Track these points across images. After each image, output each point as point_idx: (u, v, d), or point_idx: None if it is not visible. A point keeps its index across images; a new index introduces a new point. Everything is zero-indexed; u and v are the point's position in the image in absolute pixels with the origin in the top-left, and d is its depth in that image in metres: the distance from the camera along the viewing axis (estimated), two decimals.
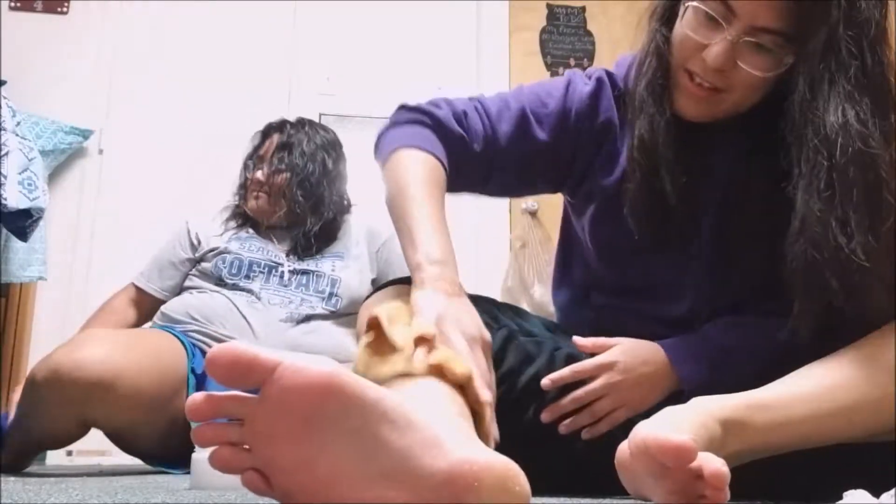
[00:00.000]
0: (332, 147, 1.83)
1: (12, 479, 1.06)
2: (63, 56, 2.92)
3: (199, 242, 1.74)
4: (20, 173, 1.88)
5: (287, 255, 1.69)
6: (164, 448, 1.44)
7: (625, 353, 0.88)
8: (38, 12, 2.97)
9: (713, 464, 0.58)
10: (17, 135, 1.95)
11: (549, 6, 3.29)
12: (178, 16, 3.05)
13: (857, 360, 0.74)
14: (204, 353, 1.51)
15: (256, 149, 1.84)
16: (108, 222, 2.79)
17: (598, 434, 0.87)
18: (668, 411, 0.67)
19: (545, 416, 0.88)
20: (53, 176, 2.76)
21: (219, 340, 1.51)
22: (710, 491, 0.58)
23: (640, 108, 0.90)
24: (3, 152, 1.86)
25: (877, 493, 0.56)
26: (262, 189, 1.74)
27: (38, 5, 2.97)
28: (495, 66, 3.18)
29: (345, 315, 1.64)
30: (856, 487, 0.57)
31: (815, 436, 0.72)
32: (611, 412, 0.88)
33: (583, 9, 3.29)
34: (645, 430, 0.60)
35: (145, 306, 1.71)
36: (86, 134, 2.82)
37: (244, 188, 1.79)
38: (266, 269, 1.66)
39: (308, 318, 1.60)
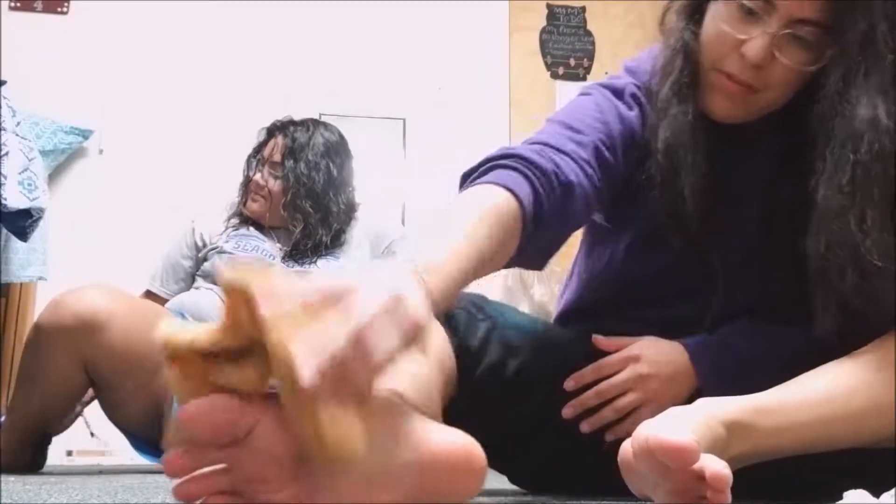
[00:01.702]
0: (338, 151, 1.81)
1: (12, 478, 1.06)
2: (63, 56, 2.92)
3: (204, 243, 1.74)
4: (20, 173, 1.87)
5: (284, 257, 1.69)
6: (145, 427, 1.46)
7: (649, 348, 0.86)
8: (38, 12, 2.97)
9: (715, 465, 0.58)
10: (17, 135, 1.95)
11: (549, 6, 3.29)
12: (178, 16, 3.05)
13: (864, 365, 0.74)
14: None
15: (260, 148, 1.82)
16: (108, 222, 2.79)
17: (622, 435, 0.78)
18: (672, 412, 0.67)
19: (567, 412, 0.85)
20: (53, 176, 2.76)
21: None
22: (712, 493, 0.58)
23: (664, 109, 0.86)
24: (3, 152, 1.85)
25: (877, 494, 0.56)
26: (261, 192, 1.74)
27: (38, 5, 2.97)
28: (495, 66, 3.18)
29: None
30: (856, 487, 0.57)
31: (821, 441, 0.72)
32: (636, 409, 0.84)
33: (583, 9, 3.29)
34: (648, 430, 0.59)
35: None
36: (86, 134, 2.82)
37: (245, 188, 1.79)
38: None
39: None
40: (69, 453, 2.56)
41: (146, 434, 1.49)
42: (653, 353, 0.85)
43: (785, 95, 0.82)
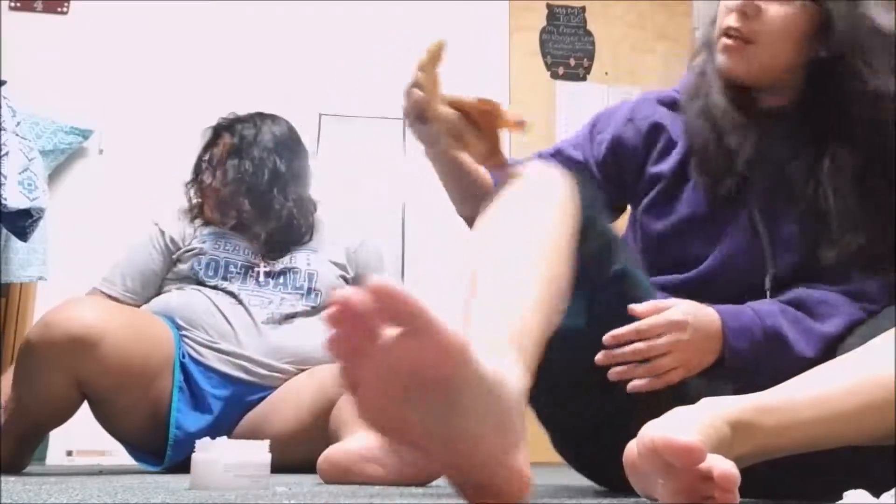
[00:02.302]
0: (286, 145, 1.74)
1: (12, 479, 1.06)
2: (63, 56, 2.92)
3: (177, 246, 1.68)
4: (20, 173, 1.87)
5: (263, 255, 1.65)
6: (144, 437, 1.45)
7: (691, 314, 0.87)
8: (38, 12, 2.97)
9: (723, 465, 0.57)
10: (17, 135, 1.95)
11: (549, 6, 3.29)
12: (178, 15, 3.05)
13: (866, 362, 0.74)
14: (188, 356, 1.50)
15: (207, 148, 1.78)
16: (107, 222, 2.78)
17: (646, 388, 0.85)
18: (678, 412, 0.67)
19: (600, 359, 0.85)
20: (53, 176, 2.76)
21: (202, 345, 1.51)
22: (719, 493, 0.57)
23: (697, 87, 1.00)
24: (3, 152, 1.85)
25: (877, 494, 0.56)
26: (217, 196, 1.69)
27: (38, 5, 2.96)
28: (495, 66, 3.18)
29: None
30: (856, 487, 0.57)
31: (824, 439, 0.72)
32: (669, 371, 0.86)
33: (583, 9, 3.29)
34: (653, 430, 0.59)
35: None
36: (86, 134, 2.81)
37: (201, 191, 1.74)
38: (242, 269, 1.62)
39: (290, 317, 1.57)
40: (69, 453, 2.56)
41: (145, 443, 1.48)
42: (695, 320, 0.86)
43: (779, 52, 0.94)
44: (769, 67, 0.95)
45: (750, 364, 0.87)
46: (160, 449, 1.44)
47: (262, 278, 1.61)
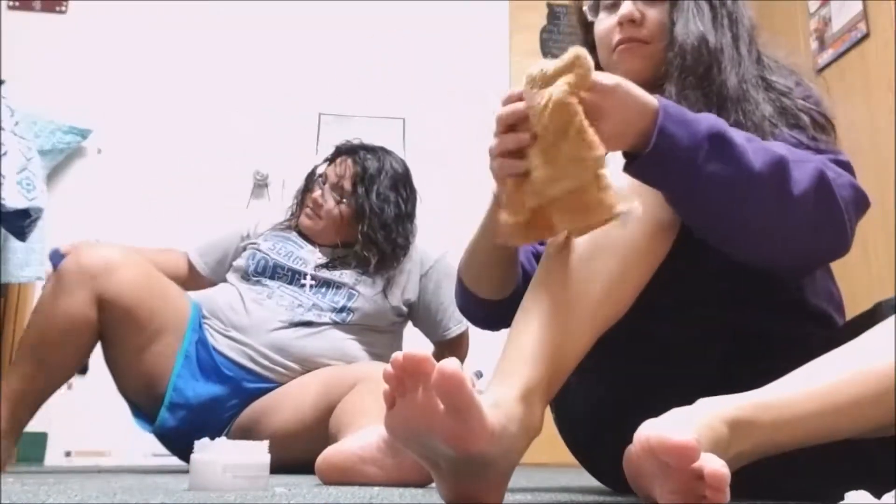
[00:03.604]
0: (405, 184, 1.79)
1: (10, 479, 1.06)
2: (62, 55, 2.92)
3: (249, 235, 1.77)
4: (18, 173, 1.87)
5: (318, 266, 1.69)
6: (145, 394, 1.54)
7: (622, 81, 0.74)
8: (36, 11, 2.97)
9: (713, 464, 0.58)
10: (15, 134, 1.95)
11: (549, 6, 3.29)
12: (177, 15, 3.05)
13: (862, 354, 0.74)
14: (202, 339, 1.58)
15: (325, 167, 1.81)
16: (106, 222, 2.79)
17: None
18: (675, 412, 0.67)
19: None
20: (52, 175, 2.76)
21: (216, 331, 1.59)
22: (710, 492, 0.57)
23: None
24: (1, 152, 1.85)
25: (878, 494, 0.56)
26: (318, 211, 1.73)
27: (36, 5, 2.96)
28: (495, 66, 3.18)
29: (356, 327, 1.64)
30: (857, 488, 0.57)
31: (822, 432, 0.72)
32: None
33: None
34: (649, 430, 0.59)
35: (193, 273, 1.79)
36: (84, 133, 2.81)
37: (301, 201, 1.79)
38: (289, 273, 1.67)
39: (309, 324, 1.60)
40: (68, 454, 2.56)
41: (142, 404, 1.57)
42: (626, 85, 0.74)
43: (660, 38, 1.01)
44: (659, 61, 1.01)
45: (682, 157, 0.74)
46: (156, 412, 1.53)
47: (307, 286, 1.65)
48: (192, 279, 1.77)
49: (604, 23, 1.06)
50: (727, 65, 0.97)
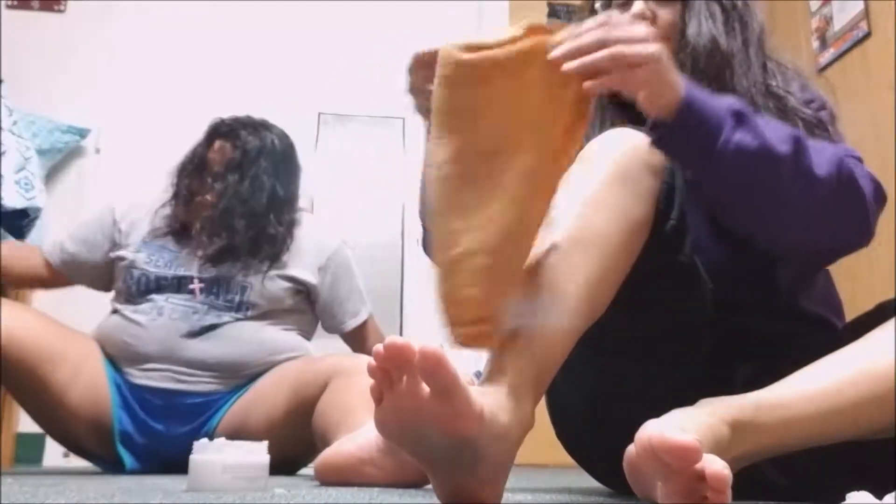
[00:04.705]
0: (288, 166, 1.69)
1: (9, 480, 1.05)
2: (60, 55, 2.91)
3: (117, 242, 1.67)
4: (17, 173, 1.87)
5: (201, 264, 1.59)
6: (93, 423, 1.49)
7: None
8: (35, 10, 2.96)
9: (714, 465, 0.57)
10: (13, 134, 1.95)
11: (549, 5, 3.29)
12: (176, 14, 3.05)
13: (860, 356, 0.74)
14: (121, 379, 1.52)
15: (200, 149, 1.73)
16: None
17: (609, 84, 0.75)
18: (677, 413, 0.67)
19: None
20: (50, 175, 2.76)
21: (125, 364, 1.52)
22: (712, 493, 0.57)
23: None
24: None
25: (879, 494, 0.56)
26: (207, 212, 1.62)
27: (35, 4, 2.96)
28: None
29: (264, 314, 1.57)
30: (858, 488, 0.56)
31: (823, 433, 0.72)
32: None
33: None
34: (651, 430, 0.59)
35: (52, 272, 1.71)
36: (83, 133, 2.81)
37: (186, 198, 1.67)
38: (175, 282, 1.57)
39: (212, 328, 1.52)
40: (66, 454, 2.55)
41: (96, 449, 1.53)
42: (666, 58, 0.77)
43: (674, 47, 1.01)
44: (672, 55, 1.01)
45: (710, 125, 0.75)
46: (115, 452, 1.48)
47: (195, 290, 1.56)
48: (50, 276, 1.70)
49: None
50: (738, 69, 0.98)
